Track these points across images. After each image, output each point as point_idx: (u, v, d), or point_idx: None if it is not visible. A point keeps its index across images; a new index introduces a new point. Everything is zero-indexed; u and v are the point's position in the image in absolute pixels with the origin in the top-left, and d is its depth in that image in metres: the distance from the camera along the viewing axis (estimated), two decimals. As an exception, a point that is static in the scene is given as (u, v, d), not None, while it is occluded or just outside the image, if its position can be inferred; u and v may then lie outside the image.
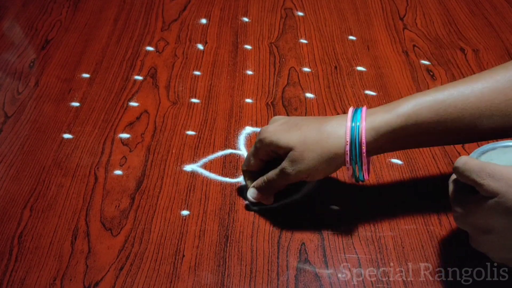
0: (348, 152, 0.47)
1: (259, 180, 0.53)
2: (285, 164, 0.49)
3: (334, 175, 0.59)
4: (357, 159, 0.47)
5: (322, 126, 0.48)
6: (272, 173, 0.51)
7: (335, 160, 0.48)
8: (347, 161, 0.47)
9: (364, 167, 0.48)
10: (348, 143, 0.47)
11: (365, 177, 0.49)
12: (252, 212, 0.55)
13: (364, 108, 0.48)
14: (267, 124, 0.54)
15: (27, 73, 0.74)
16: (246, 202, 0.55)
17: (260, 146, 0.51)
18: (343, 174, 0.59)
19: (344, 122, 0.47)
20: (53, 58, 0.76)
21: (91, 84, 0.72)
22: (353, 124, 0.47)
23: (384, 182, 0.58)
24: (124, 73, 0.73)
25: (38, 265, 0.51)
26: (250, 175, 0.55)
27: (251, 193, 0.54)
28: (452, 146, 0.61)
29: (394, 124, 0.46)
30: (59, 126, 0.66)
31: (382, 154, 0.59)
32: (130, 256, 0.51)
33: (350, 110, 0.49)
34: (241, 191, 0.57)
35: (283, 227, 0.54)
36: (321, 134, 0.48)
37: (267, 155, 0.52)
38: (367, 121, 0.47)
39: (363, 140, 0.46)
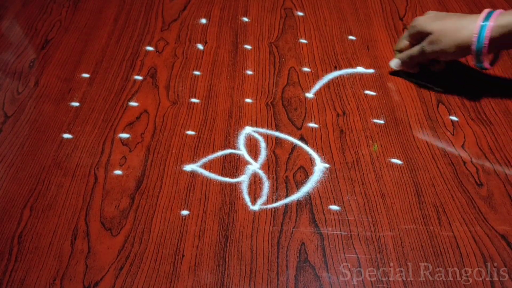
0: (474, 43, 0.60)
1: (403, 54, 0.69)
2: (424, 43, 0.65)
3: (333, 175, 0.59)
4: (480, 50, 0.60)
5: (460, 20, 0.62)
6: (413, 49, 0.67)
7: (463, 47, 0.61)
8: (472, 49, 0.61)
9: (485, 57, 0.61)
10: (476, 36, 0.60)
11: (486, 66, 0.63)
12: (252, 212, 0.55)
13: (498, 11, 0.60)
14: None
15: (27, 73, 0.74)
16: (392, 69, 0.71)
17: (412, 32, 0.67)
18: (343, 174, 0.59)
19: (477, 20, 0.60)
20: (53, 58, 0.76)
21: (91, 84, 0.72)
22: (483, 23, 0.59)
23: (384, 182, 0.58)
24: (124, 73, 0.73)
25: (38, 265, 0.51)
26: (399, 53, 0.70)
27: (394, 63, 0.71)
28: (451, 146, 0.62)
29: None
30: (59, 126, 0.66)
31: (382, 154, 0.60)
32: (130, 256, 0.51)
33: (485, 11, 0.61)
34: (240, 190, 0.57)
35: (283, 227, 0.54)
36: (457, 25, 0.62)
37: (415, 39, 0.67)
38: (497, 20, 0.59)
39: (487, 35, 0.59)
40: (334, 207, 0.56)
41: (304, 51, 0.76)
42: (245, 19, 0.83)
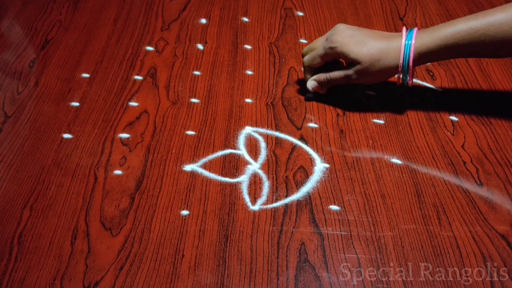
0: (401, 64, 0.60)
1: (321, 76, 0.66)
2: (351, 72, 0.63)
3: (333, 175, 0.59)
4: (406, 69, 0.61)
5: (384, 42, 0.61)
6: (336, 74, 0.64)
7: (392, 71, 0.62)
8: (400, 71, 0.61)
9: (410, 76, 0.62)
10: (401, 57, 0.60)
11: (409, 83, 0.63)
12: (252, 212, 0.55)
13: (415, 29, 0.60)
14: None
15: (27, 73, 0.74)
16: (307, 94, 0.69)
17: (330, 52, 0.63)
18: (343, 174, 0.59)
19: (400, 41, 0.60)
20: (53, 58, 0.76)
21: (91, 84, 0.72)
22: (406, 42, 0.60)
23: (384, 182, 0.58)
24: (124, 73, 0.73)
25: (37, 265, 0.51)
26: (309, 69, 0.67)
27: (311, 84, 0.67)
28: (451, 146, 0.62)
29: (437, 46, 0.59)
30: (59, 126, 0.66)
31: (382, 155, 0.60)
32: (130, 256, 0.51)
33: (404, 30, 0.61)
34: (240, 190, 0.57)
35: (283, 227, 0.54)
36: (383, 50, 0.61)
37: (330, 58, 0.65)
38: (417, 40, 0.59)
39: (411, 55, 0.60)
40: (334, 207, 0.56)
41: (304, 51, 0.76)
42: (245, 19, 0.83)
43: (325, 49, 0.63)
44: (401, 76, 0.62)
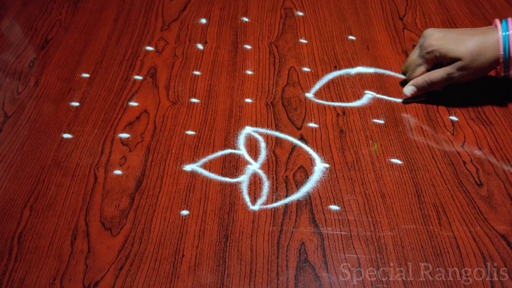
0: (502, 56, 0.60)
1: (420, 79, 0.65)
2: (451, 70, 0.62)
3: (333, 175, 0.59)
4: (508, 61, 0.60)
5: (480, 37, 0.60)
6: (436, 76, 0.64)
7: (494, 64, 0.61)
8: (501, 62, 0.60)
9: (511, 67, 0.61)
10: (501, 49, 0.59)
11: (511, 74, 0.62)
12: (252, 212, 0.55)
13: (510, 20, 0.60)
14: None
15: (27, 73, 0.74)
16: (402, 99, 0.68)
17: (429, 58, 0.64)
18: (343, 174, 0.59)
19: (496, 34, 0.60)
20: (53, 58, 0.76)
21: (90, 84, 0.72)
22: (504, 34, 0.59)
23: (384, 182, 0.58)
24: (124, 73, 0.73)
25: (37, 265, 0.51)
26: (409, 71, 0.67)
27: (409, 90, 0.66)
28: (451, 146, 0.62)
29: None
30: (58, 126, 0.66)
31: (382, 154, 0.60)
32: (130, 256, 0.51)
33: (497, 20, 0.61)
34: (239, 190, 0.57)
35: (283, 227, 0.54)
36: (481, 44, 0.60)
37: (432, 63, 0.64)
38: None
39: None
40: (334, 207, 0.56)
41: (304, 51, 0.76)
42: (245, 19, 0.83)
43: (423, 57, 0.64)
44: (502, 68, 0.62)
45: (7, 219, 0.55)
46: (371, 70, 0.73)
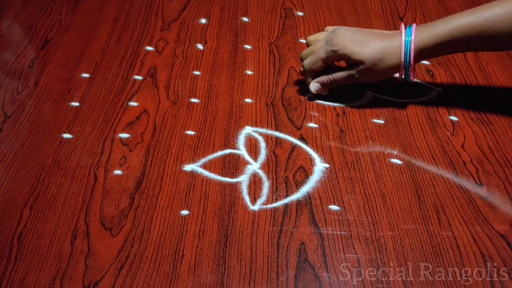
0: (402, 62, 0.61)
1: (324, 78, 0.66)
2: (353, 72, 0.63)
3: (333, 175, 0.59)
4: (408, 67, 0.62)
5: (384, 43, 0.61)
6: (339, 75, 0.65)
7: (393, 69, 0.62)
8: (402, 68, 0.62)
9: (412, 72, 0.62)
10: (402, 54, 0.61)
11: (412, 79, 0.63)
12: (252, 212, 0.55)
13: (414, 26, 0.61)
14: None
15: (27, 73, 0.74)
16: (308, 95, 0.69)
17: (332, 55, 0.64)
18: (342, 174, 0.59)
19: (400, 39, 0.61)
20: (53, 57, 0.76)
21: (90, 84, 0.72)
22: (406, 39, 0.60)
23: (384, 182, 0.58)
24: (124, 73, 0.73)
25: (37, 265, 0.51)
26: (311, 73, 0.67)
27: (314, 87, 0.67)
28: (451, 146, 0.62)
29: (435, 42, 0.59)
30: (58, 125, 0.66)
31: (382, 155, 0.60)
32: (129, 256, 0.51)
33: (402, 27, 0.62)
34: (239, 189, 0.57)
35: (283, 227, 0.54)
36: (384, 49, 0.61)
37: (334, 61, 0.66)
38: (417, 33, 0.60)
39: (412, 53, 0.60)
40: (334, 207, 0.56)
41: (304, 51, 0.76)
42: (245, 19, 0.83)
43: (327, 52, 0.64)
44: (403, 72, 0.63)
45: (7, 219, 0.55)
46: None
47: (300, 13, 0.85)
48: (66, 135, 0.64)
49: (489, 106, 0.67)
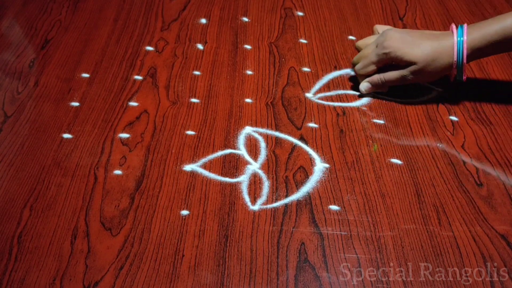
0: (455, 62, 0.61)
1: (375, 78, 0.66)
2: (406, 72, 0.63)
3: (333, 175, 0.59)
4: (461, 67, 0.62)
5: (435, 42, 0.62)
6: (391, 75, 0.65)
7: (447, 69, 0.62)
8: (454, 68, 0.62)
9: (464, 72, 0.62)
10: (455, 56, 0.61)
11: (464, 78, 0.63)
12: (252, 212, 0.55)
13: (465, 26, 0.61)
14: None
15: (27, 73, 0.74)
16: (358, 93, 0.69)
17: (384, 58, 0.64)
18: (342, 174, 0.59)
19: (452, 39, 0.61)
20: (53, 57, 0.76)
21: (90, 84, 0.72)
22: (459, 39, 0.61)
23: (384, 182, 0.58)
24: (124, 73, 0.73)
25: (37, 265, 0.51)
26: (363, 77, 0.68)
27: (365, 87, 0.68)
28: (451, 146, 0.62)
29: (487, 41, 0.60)
30: (58, 125, 0.66)
31: (382, 154, 0.60)
32: (129, 256, 0.51)
33: (453, 27, 0.62)
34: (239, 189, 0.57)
35: (283, 227, 0.54)
36: (437, 49, 0.61)
37: (385, 64, 0.65)
38: (469, 33, 0.60)
39: (465, 53, 0.60)
40: (334, 207, 0.56)
41: (304, 51, 0.76)
42: (245, 19, 0.83)
43: (378, 55, 0.64)
44: (455, 72, 0.63)
45: (7, 219, 0.55)
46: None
47: (300, 13, 0.84)
48: (66, 135, 0.64)
49: (489, 106, 0.67)
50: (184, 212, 0.55)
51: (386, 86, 0.67)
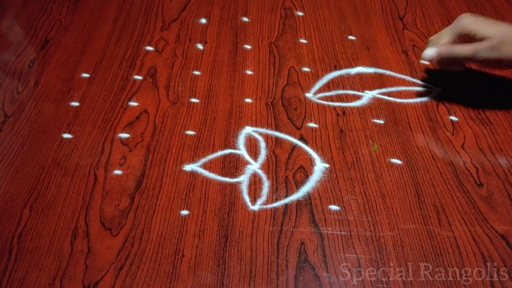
0: None
1: (443, 49, 0.60)
2: (479, 47, 0.58)
3: (333, 175, 0.59)
4: None
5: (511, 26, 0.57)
6: (461, 49, 0.59)
7: None
8: None
9: None
10: None
11: None
12: (252, 212, 0.55)
13: None
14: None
15: (27, 73, 0.74)
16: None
17: (459, 30, 0.59)
18: (342, 174, 0.59)
19: None
20: (53, 57, 0.76)
21: (90, 84, 0.72)
22: None
23: (384, 182, 0.58)
24: (124, 73, 0.73)
25: (37, 265, 0.51)
26: (434, 44, 0.63)
27: (430, 53, 0.61)
28: (451, 146, 0.61)
29: None
30: (58, 125, 0.66)
31: (382, 154, 0.60)
32: (129, 256, 0.51)
33: None
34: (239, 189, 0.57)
35: (283, 227, 0.54)
36: None
37: (461, 39, 0.60)
38: None
39: None
40: (334, 207, 0.56)
41: (304, 51, 0.76)
42: (245, 19, 0.83)
43: (453, 30, 0.61)
44: None
45: (7, 219, 0.55)
46: (371, 70, 0.73)
47: (300, 13, 0.84)
48: (66, 135, 0.64)
49: (489, 106, 0.67)
50: (184, 212, 0.55)
51: (452, 63, 0.61)
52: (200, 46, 0.78)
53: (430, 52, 0.61)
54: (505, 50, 0.57)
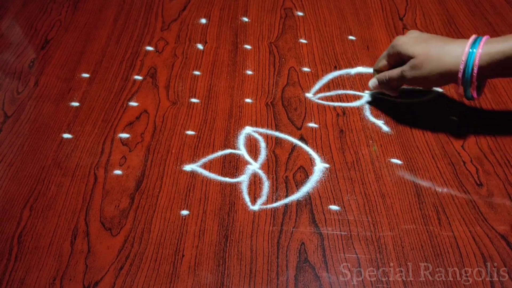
0: (462, 71, 0.55)
1: (381, 74, 0.64)
2: (405, 68, 0.60)
3: (333, 175, 0.59)
4: (468, 79, 0.55)
5: (446, 45, 0.57)
6: (392, 72, 0.62)
7: (448, 75, 0.56)
8: (459, 78, 0.56)
9: (473, 86, 0.56)
10: (463, 63, 0.55)
11: (474, 96, 0.58)
12: (252, 212, 0.55)
13: (484, 37, 0.55)
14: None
15: (27, 73, 0.74)
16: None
17: (391, 51, 0.62)
18: (343, 174, 0.59)
19: (465, 46, 0.55)
20: (53, 58, 0.76)
21: (90, 84, 0.72)
22: (471, 50, 0.55)
23: (384, 182, 0.58)
24: (124, 73, 0.73)
25: (37, 265, 0.51)
26: (377, 73, 0.66)
27: (372, 83, 0.66)
28: (451, 146, 0.61)
29: (507, 53, 0.53)
30: (58, 126, 0.66)
31: (382, 154, 0.60)
32: (129, 256, 0.51)
33: (472, 37, 0.56)
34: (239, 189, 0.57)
35: (283, 227, 0.54)
36: (442, 51, 0.57)
37: (394, 60, 0.62)
38: (484, 48, 0.54)
39: (476, 63, 0.54)
40: (334, 207, 0.56)
41: (304, 51, 0.76)
42: (245, 19, 0.83)
43: (388, 50, 0.63)
44: (462, 87, 0.58)
45: (7, 219, 0.55)
46: (371, 70, 0.72)
47: (300, 13, 0.84)
48: (66, 135, 0.64)
49: (489, 106, 0.67)
50: (184, 212, 0.55)
51: (390, 84, 0.63)
52: (200, 46, 0.78)
53: (372, 82, 0.66)
54: (428, 68, 0.57)
